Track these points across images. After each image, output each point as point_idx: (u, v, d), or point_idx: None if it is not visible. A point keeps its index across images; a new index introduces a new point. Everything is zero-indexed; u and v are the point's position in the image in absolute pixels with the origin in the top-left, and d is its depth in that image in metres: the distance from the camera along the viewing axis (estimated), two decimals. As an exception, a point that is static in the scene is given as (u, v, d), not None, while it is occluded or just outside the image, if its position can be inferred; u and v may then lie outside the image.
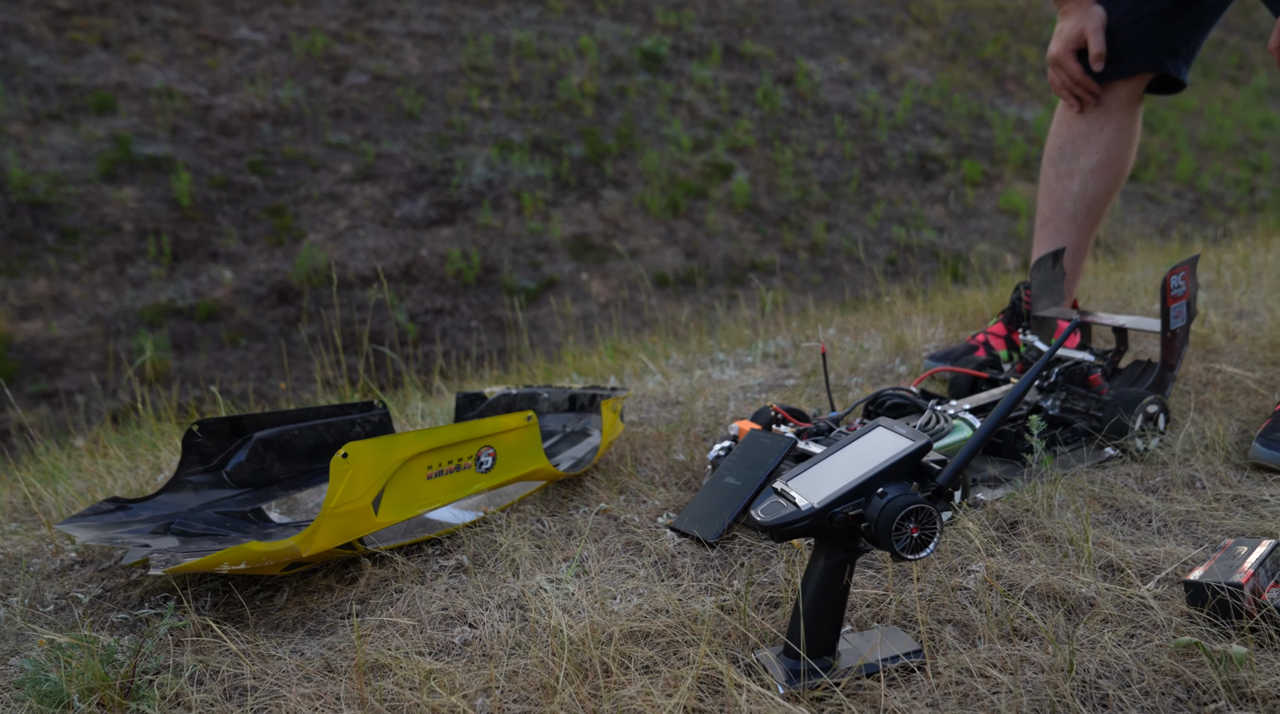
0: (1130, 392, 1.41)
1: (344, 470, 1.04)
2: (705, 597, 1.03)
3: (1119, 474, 1.34)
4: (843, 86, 9.46)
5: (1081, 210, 1.82)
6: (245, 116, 7.55)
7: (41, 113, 7.14)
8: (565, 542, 1.21)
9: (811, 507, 0.84)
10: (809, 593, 0.88)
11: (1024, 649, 0.91)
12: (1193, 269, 1.48)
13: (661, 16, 9.57)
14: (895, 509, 0.82)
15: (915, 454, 0.86)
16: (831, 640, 0.89)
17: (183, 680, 0.90)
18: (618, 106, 8.58)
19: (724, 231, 7.71)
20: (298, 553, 1.01)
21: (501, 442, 1.23)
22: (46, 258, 6.30)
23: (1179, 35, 1.73)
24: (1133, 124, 1.82)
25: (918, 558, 0.83)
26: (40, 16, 7.93)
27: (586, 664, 0.89)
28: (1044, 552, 1.10)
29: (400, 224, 7.20)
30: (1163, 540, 1.13)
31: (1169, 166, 9.47)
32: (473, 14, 9.01)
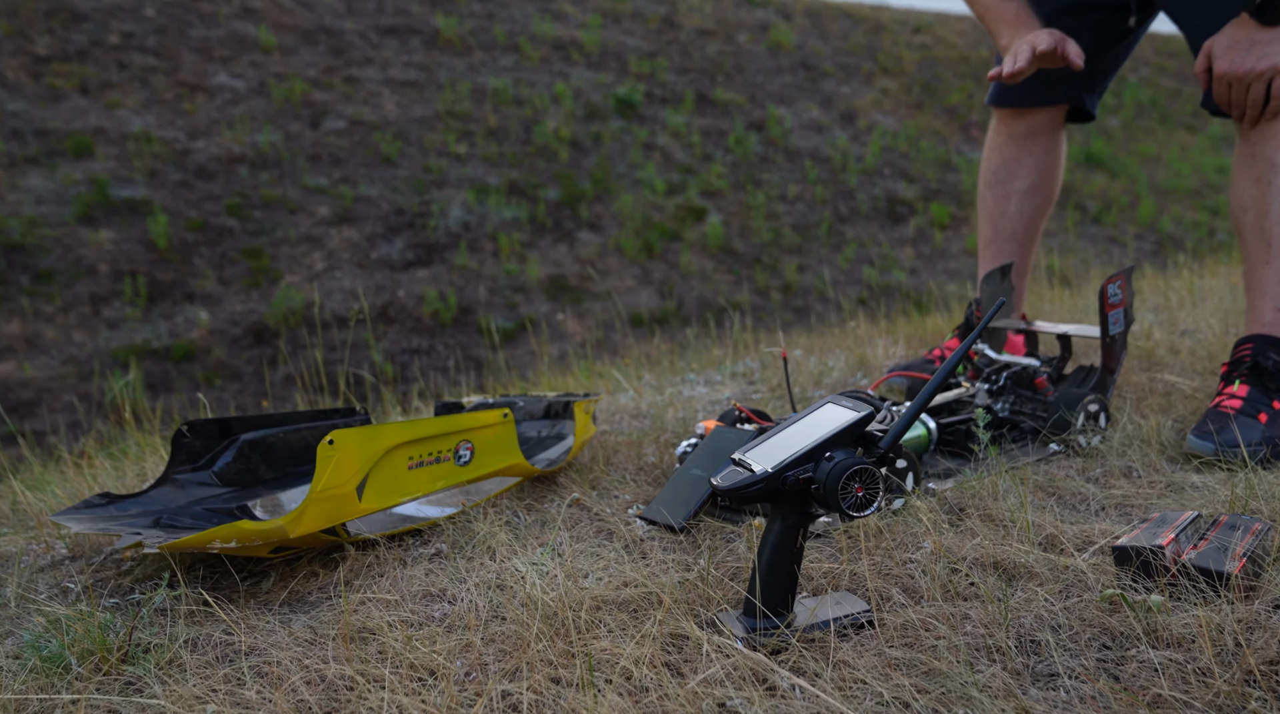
0: (1073, 392, 1.50)
1: (330, 456, 1.10)
2: (672, 572, 1.10)
3: (1062, 467, 1.42)
4: (813, 133, 9.69)
5: (1020, 229, 1.94)
6: (223, 160, 7.64)
7: (18, 156, 7.18)
8: (540, 530, 1.27)
9: (766, 471, 0.91)
10: (765, 555, 0.95)
11: (965, 608, 0.98)
12: (1128, 278, 1.58)
13: (635, 65, 9.80)
14: (841, 470, 0.89)
15: (860, 422, 0.93)
16: (787, 599, 0.96)
17: (177, 645, 0.95)
18: (593, 151, 8.74)
19: (698, 272, 7.84)
20: (285, 533, 1.07)
21: (479, 437, 1.29)
22: (21, 299, 6.31)
23: (1098, 71, 1.87)
24: (1058, 147, 1.96)
25: (863, 515, 0.90)
26: (19, 63, 8.01)
27: (559, 625, 0.95)
28: (988, 530, 1.17)
29: (377, 266, 7.28)
30: (1098, 520, 1.21)
31: (1130, 210, 9.74)
32: (450, 62, 9.19)
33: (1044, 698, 0.82)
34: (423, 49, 9.27)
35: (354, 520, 1.23)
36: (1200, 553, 1.01)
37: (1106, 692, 0.82)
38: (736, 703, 0.82)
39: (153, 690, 0.87)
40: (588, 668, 0.84)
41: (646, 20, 10.57)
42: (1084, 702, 0.81)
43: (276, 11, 9.13)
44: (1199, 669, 0.84)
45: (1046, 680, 0.85)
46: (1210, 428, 1.42)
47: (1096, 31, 1.83)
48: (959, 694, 0.82)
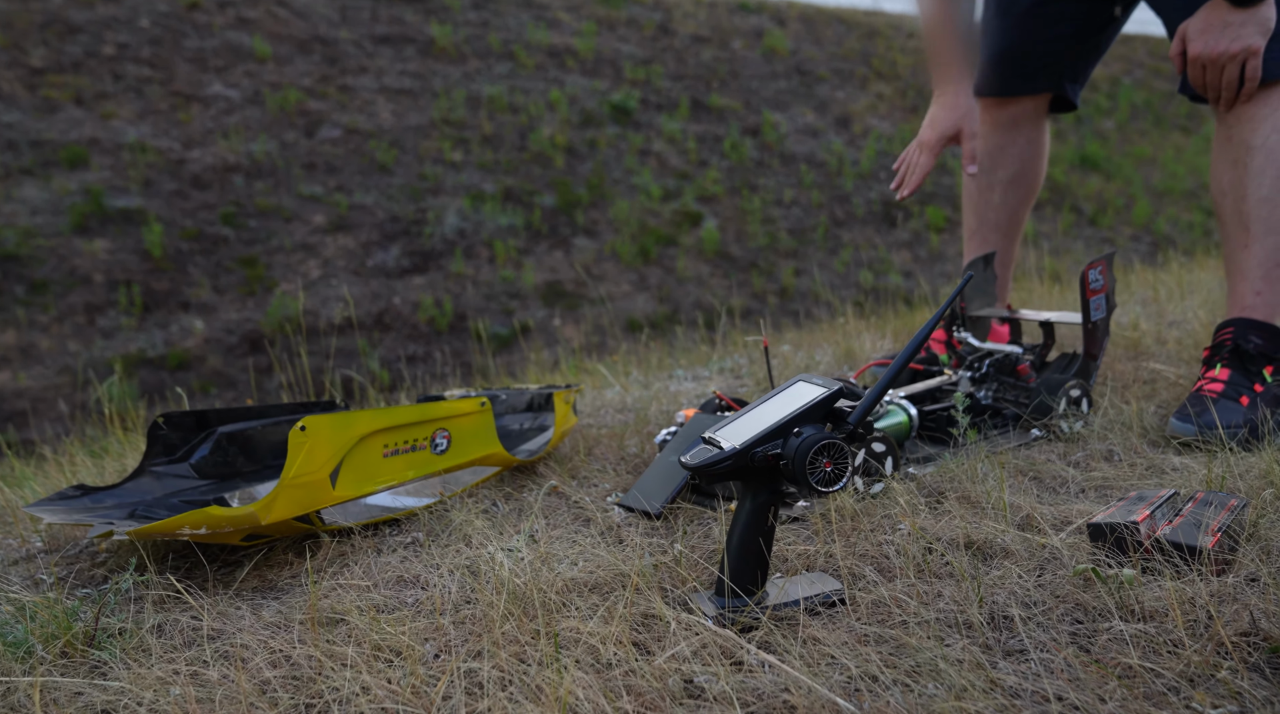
0: (1054, 377, 1.50)
1: (302, 442, 1.09)
2: (646, 555, 1.09)
3: (1043, 451, 1.41)
4: (808, 138, 9.71)
5: (1004, 219, 1.94)
6: (218, 170, 7.65)
7: (13, 167, 7.19)
8: (517, 518, 1.26)
9: (734, 448, 0.91)
10: (736, 534, 0.94)
11: (939, 586, 0.97)
12: (1109, 264, 1.58)
13: (630, 72, 9.82)
14: (808, 445, 0.89)
15: (829, 399, 0.93)
16: (759, 578, 0.95)
17: (144, 631, 0.95)
18: (588, 158, 8.76)
19: (694, 277, 7.84)
20: (257, 520, 1.06)
21: (456, 425, 1.29)
22: (15, 309, 6.31)
23: (1080, 60, 1.88)
24: (1041, 137, 1.95)
25: (831, 490, 0.89)
26: (14, 75, 8.03)
27: (528, 607, 0.94)
28: (965, 511, 1.17)
29: (373, 273, 7.28)
30: (1077, 501, 1.20)
31: (1125, 211, 9.75)
32: (445, 70, 9.21)
33: (1014, 670, 0.81)
34: (417, 57, 9.29)
35: (329, 509, 1.22)
36: (1174, 528, 1.00)
37: (1076, 663, 0.81)
38: (703, 679, 0.81)
39: (116, 673, 0.86)
40: (553, 645, 0.83)
41: (641, 27, 10.60)
42: (1053, 673, 0.80)
43: (271, 21, 9.16)
44: (1170, 641, 0.84)
45: (1018, 655, 0.85)
46: (1191, 411, 1.41)
47: (1078, 21, 1.83)
48: (928, 667, 0.81)
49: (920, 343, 0.94)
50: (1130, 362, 1.89)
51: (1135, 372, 1.82)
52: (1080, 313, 1.58)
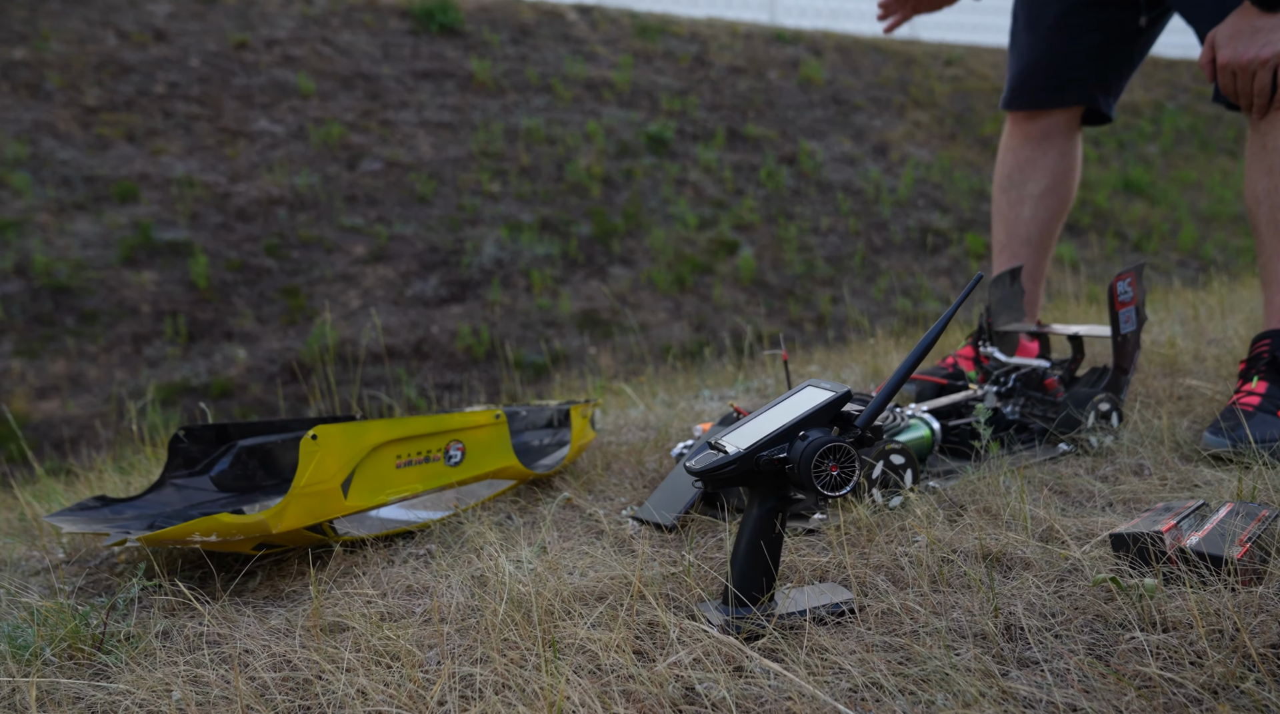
0: (1082, 391, 1.46)
1: (313, 451, 1.10)
2: (655, 566, 1.07)
3: (1070, 465, 1.38)
4: (845, 166, 9.69)
5: (1035, 233, 1.91)
6: (262, 203, 7.81)
7: (67, 202, 7.41)
8: (531, 530, 1.25)
9: (739, 451, 0.89)
10: (743, 541, 0.93)
11: (954, 597, 0.94)
12: (1139, 275, 1.54)
13: (666, 103, 9.89)
14: (814, 448, 0.87)
15: (835, 402, 0.91)
16: (766, 586, 0.93)
17: (150, 636, 0.95)
18: (624, 188, 8.82)
19: (730, 305, 7.83)
20: (267, 528, 1.06)
21: (470, 437, 1.29)
22: (66, 339, 6.47)
23: (1111, 71, 1.85)
24: (1073, 150, 1.93)
25: (838, 495, 0.87)
26: (70, 114, 8.30)
27: (533, 613, 0.93)
28: (985, 524, 1.14)
29: (411, 302, 7.37)
30: (1103, 515, 1.16)
31: (1171, 237, 9.58)
32: (484, 103, 9.35)
33: (1027, 679, 0.79)
34: (457, 91, 9.45)
35: (343, 521, 1.22)
36: (1201, 539, 0.96)
37: (1091, 673, 0.78)
38: (703, 686, 0.79)
39: (119, 676, 0.87)
40: (551, 650, 0.82)
41: (678, 59, 10.69)
42: (1068, 683, 0.77)
43: (316, 59, 9.38)
44: (1193, 652, 0.80)
45: (1031, 665, 0.82)
46: (1224, 425, 1.37)
47: (1105, 30, 1.81)
48: (937, 676, 0.79)
49: (929, 344, 0.92)
50: (1166, 378, 1.84)
51: (1170, 388, 1.77)
52: (1109, 326, 1.54)
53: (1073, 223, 9.65)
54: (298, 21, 9.77)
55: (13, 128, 7.94)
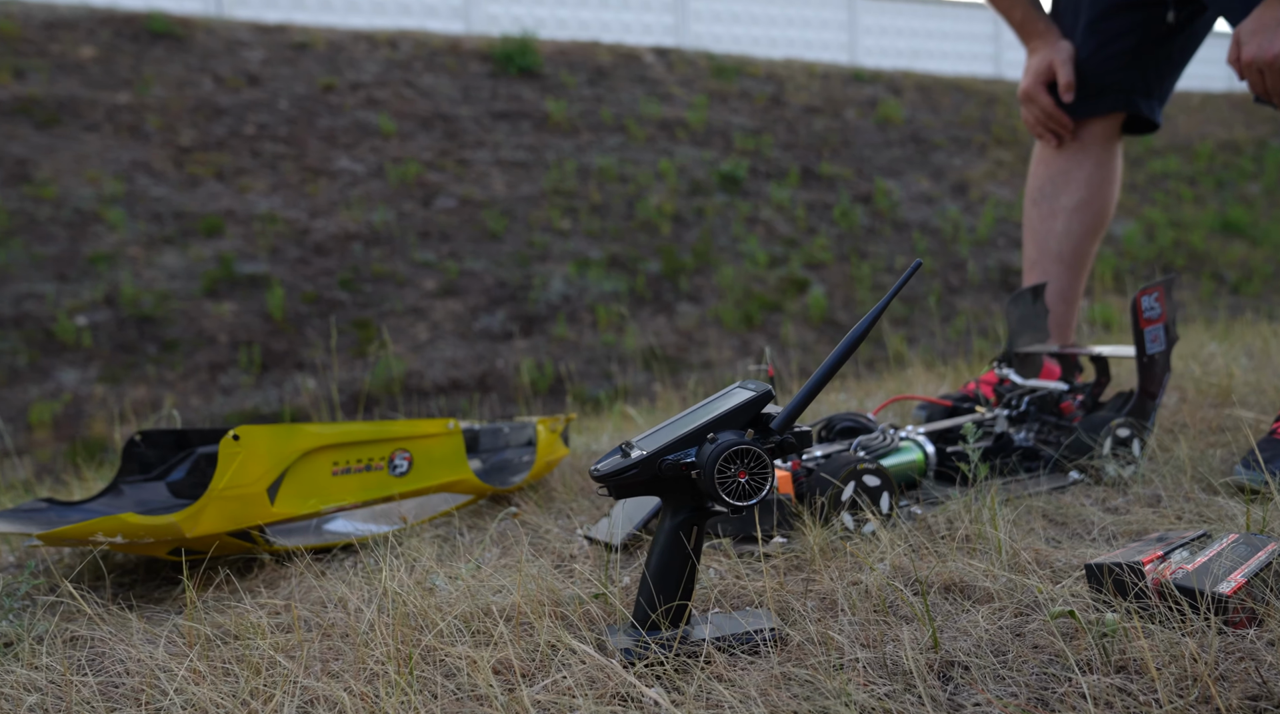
0: (1098, 415, 1.32)
1: (234, 453, 1.05)
2: (583, 586, 0.99)
3: (1078, 495, 1.24)
4: (922, 204, 9.49)
5: (1067, 250, 1.76)
6: (339, 238, 8.02)
7: (156, 237, 7.73)
8: (473, 547, 1.18)
9: (642, 455, 0.81)
10: (654, 558, 0.83)
11: (896, 629, 0.83)
12: (1168, 290, 1.40)
13: (740, 141, 9.87)
14: (719, 450, 0.78)
15: (753, 403, 0.82)
16: (678, 610, 0.84)
17: (30, 639, 0.90)
18: (695, 225, 8.79)
19: (799, 343, 7.68)
20: (179, 531, 1.01)
21: (419, 447, 1.22)
22: (147, 367, 6.70)
23: (1150, 74, 1.72)
24: (1111, 160, 1.78)
25: (747, 505, 0.78)
26: (165, 153, 8.70)
27: (425, 629, 0.85)
28: (959, 553, 1.02)
29: (478, 336, 7.43)
30: (1098, 548, 1.03)
31: (1275, 279, 9.07)
32: (558, 143, 9.47)
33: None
34: (532, 131, 9.60)
35: (279, 530, 1.17)
36: (1189, 573, 0.83)
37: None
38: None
39: (-21, 676, 0.82)
40: (409, 668, 0.74)
41: (753, 99, 10.68)
42: (988, 729, 0.66)
43: (398, 101, 9.66)
44: (1148, 699, 0.68)
45: (950, 705, 0.70)
46: (1260, 457, 1.21)
47: (1139, 33, 1.68)
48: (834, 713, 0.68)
49: (858, 337, 0.82)
50: (1214, 409, 1.68)
51: (1216, 418, 1.60)
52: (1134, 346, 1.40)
53: (1166, 265, 9.22)
54: (383, 65, 10.09)
55: (113, 167, 8.35)
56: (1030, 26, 1.72)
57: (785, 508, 1.12)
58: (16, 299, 7.09)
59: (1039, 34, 1.71)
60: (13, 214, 7.65)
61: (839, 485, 1.11)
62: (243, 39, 10.21)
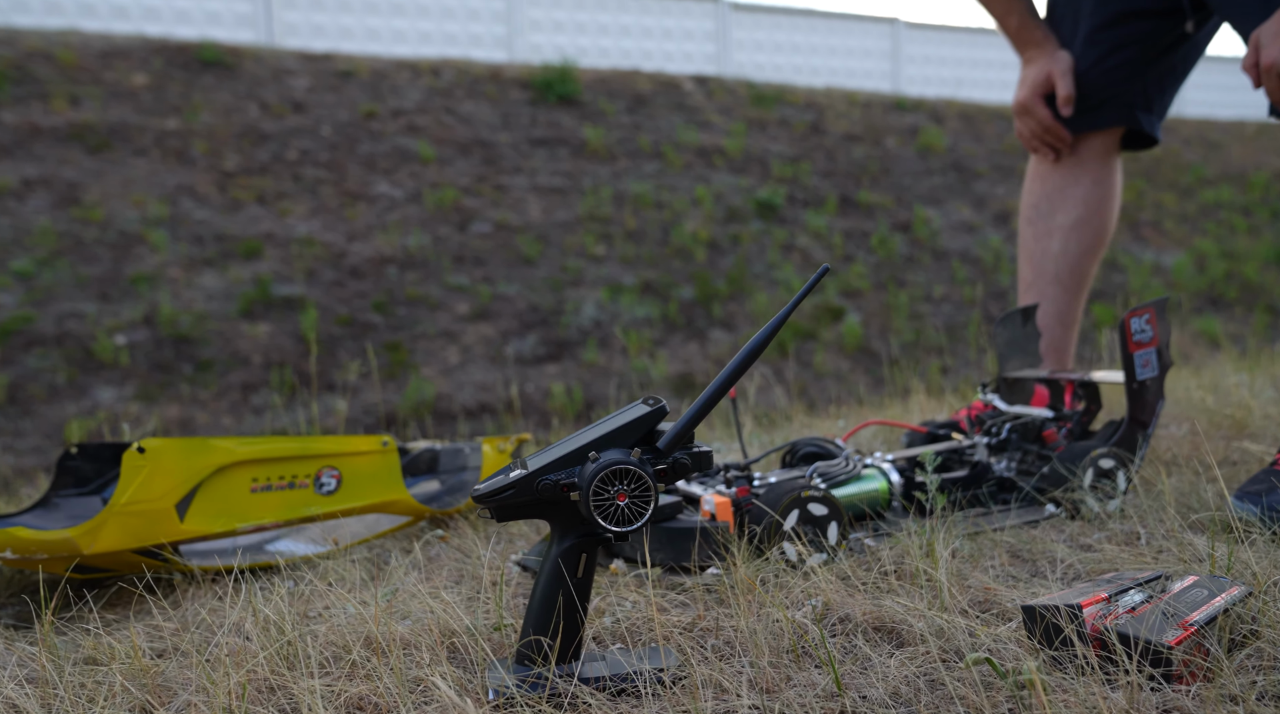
0: (1080, 444, 1.23)
1: (138, 467, 1.00)
2: (490, 616, 0.92)
3: (1052, 530, 1.14)
4: (963, 233, 9.33)
5: (1064, 270, 1.67)
6: (375, 262, 8.09)
7: (197, 258, 7.87)
8: (397, 571, 1.12)
9: (521, 474, 0.74)
10: (538, 589, 0.77)
11: (804, 673, 0.75)
12: (1160, 312, 1.30)
13: (778, 169, 9.81)
14: (597, 470, 0.71)
15: (641, 420, 0.75)
16: (565, 645, 0.77)
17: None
18: (730, 252, 8.72)
19: (833, 372, 7.56)
20: (76, 547, 0.97)
21: (348, 464, 1.17)
22: (181, 386, 6.79)
23: (1152, 87, 1.62)
24: (1110, 176, 1.68)
25: (627, 531, 0.71)
26: (210, 178, 8.87)
27: (292, 659, 0.79)
28: (898, 591, 0.93)
29: (509, 360, 7.42)
30: (1059, 587, 0.94)
31: (1333, 312, 8.73)
32: (595, 169, 9.50)
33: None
34: (570, 158, 9.64)
35: (197, 549, 1.12)
36: (1131, 618, 0.74)
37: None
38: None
39: None
40: (242, 703, 0.68)
41: (793, 127, 10.63)
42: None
43: (437, 128, 9.77)
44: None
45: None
46: (1258, 489, 1.11)
47: (1144, 43, 1.59)
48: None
49: (757, 348, 0.75)
50: (1224, 441, 1.56)
51: (1226, 451, 1.49)
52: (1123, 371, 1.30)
53: (1217, 297, 8.94)
54: (424, 93, 10.23)
55: (158, 190, 8.53)
56: (1026, 35, 1.64)
57: (711, 537, 1.05)
58: (59, 318, 7.24)
59: (1035, 43, 1.63)
60: (61, 235, 7.84)
61: (775, 517, 1.03)
62: (289, 67, 10.42)
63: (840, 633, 0.83)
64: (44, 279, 7.44)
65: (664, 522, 1.04)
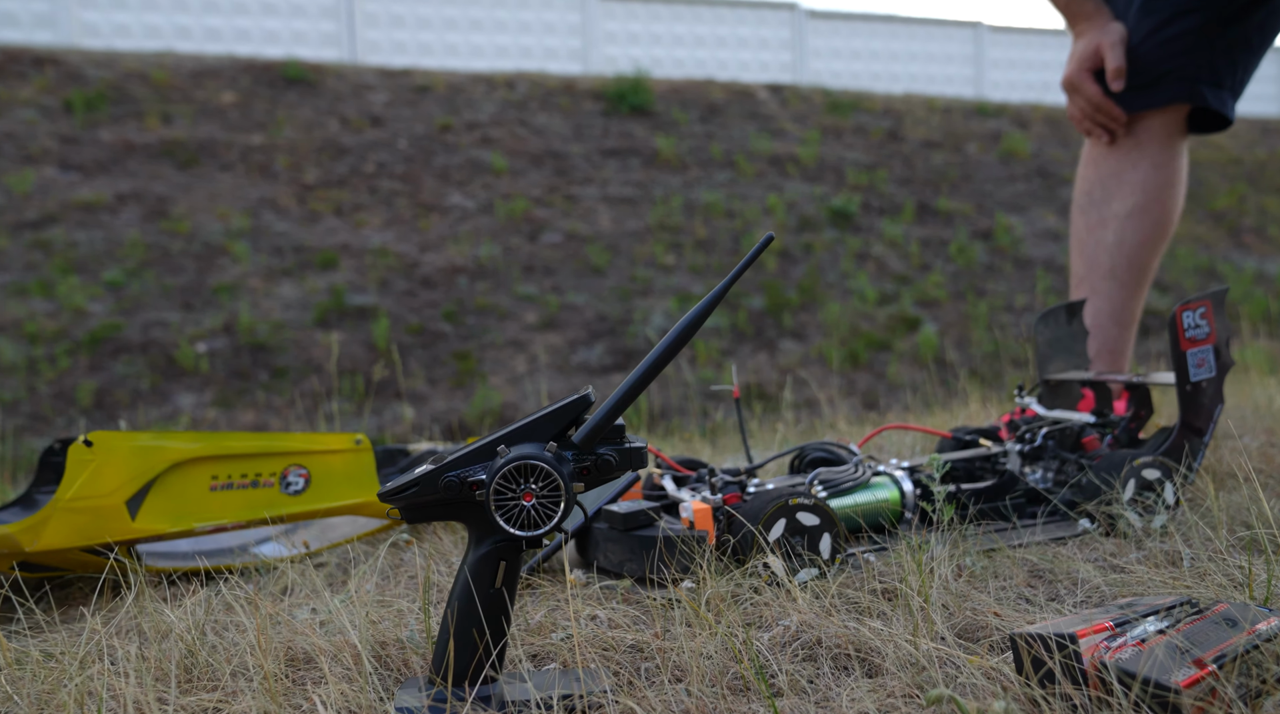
0: (1120, 452, 1.09)
1: (85, 461, 0.96)
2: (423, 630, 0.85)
3: (1081, 547, 1.01)
4: (1047, 241, 8.98)
5: (1121, 264, 1.51)
6: (446, 271, 8.17)
7: (276, 269, 8.06)
8: (363, 576, 1.05)
9: (426, 470, 0.66)
10: (452, 600, 0.69)
11: (746, 705, 0.66)
12: (1217, 306, 1.16)
13: (853, 177, 9.60)
14: (500, 466, 0.63)
15: (563, 411, 0.67)
16: (480, 663, 0.68)
17: None
18: (802, 261, 8.56)
19: (907, 383, 7.32)
20: (16, 544, 0.93)
21: (318, 463, 1.11)
22: (257, 393, 6.94)
23: (1220, 59, 1.45)
24: (1172, 161, 1.52)
25: (532, 536, 0.62)
26: (290, 191, 9.10)
27: (195, 675, 0.73)
28: (890, 613, 0.82)
29: (576, 370, 7.40)
30: (1068, 611, 0.82)
31: None
32: (666, 179, 9.44)
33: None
34: (641, 168, 9.61)
35: (159, 550, 1.07)
36: (1140, 652, 0.62)
37: None
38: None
39: None
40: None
41: (869, 134, 10.40)
42: None
43: (511, 139, 9.85)
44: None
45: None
46: (1324, 507, 0.96)
47: (1206, 10, 1.44)
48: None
49: (688, 328, 0.66)
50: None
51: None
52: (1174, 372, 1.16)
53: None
54: (499, 106, 10.34)
55: (241, 203, 8.78)
56: (1076, 7, 1.50)
57: (677, 547, 0.95)
58: (145, 326, 7.49)
59: (1086, 15, 1.49)
60: (149, 247, 8.12)
61: (752, 528, 0.93)
62: (369, 83, 10.65)
63: (808, 659, 0.73)
64: (132, 289, 7.71)
65: (638, 529, 0.96)
